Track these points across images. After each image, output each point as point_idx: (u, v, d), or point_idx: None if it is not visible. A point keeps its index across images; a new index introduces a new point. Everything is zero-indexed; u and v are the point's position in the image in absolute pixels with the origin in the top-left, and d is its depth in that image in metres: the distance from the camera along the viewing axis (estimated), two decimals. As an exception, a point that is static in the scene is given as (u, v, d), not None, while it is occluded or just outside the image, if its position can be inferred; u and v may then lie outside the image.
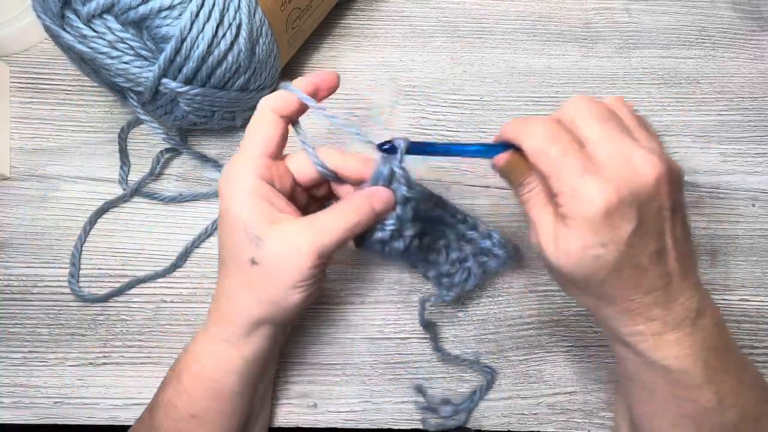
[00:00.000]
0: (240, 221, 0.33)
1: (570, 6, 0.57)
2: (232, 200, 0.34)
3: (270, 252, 0.33)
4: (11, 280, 0.47)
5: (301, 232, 0.33)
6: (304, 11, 0.47)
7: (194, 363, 0.37)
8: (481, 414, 0.45)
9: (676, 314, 0.32)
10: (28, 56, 0.53)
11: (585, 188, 0.29)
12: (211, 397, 0.36)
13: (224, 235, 0.35)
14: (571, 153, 0.30)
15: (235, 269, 0.34)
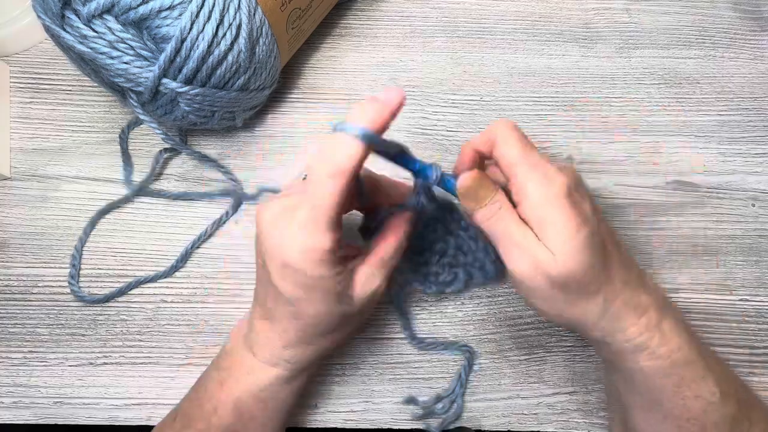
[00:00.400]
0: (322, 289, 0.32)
1: (570, 6, 0.57)
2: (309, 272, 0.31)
3: (360, 303, 0.34)
4: (11, 280, 0.47)
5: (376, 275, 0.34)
6: (304, 11, 0.47)
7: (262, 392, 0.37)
8: (481, 414, 0.45)
9: (657, 297, 0.34)
10: (28, 56, 0.53)
11: (550, 170, 0.32)
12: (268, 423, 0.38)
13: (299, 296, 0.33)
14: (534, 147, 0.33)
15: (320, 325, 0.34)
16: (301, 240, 0.30)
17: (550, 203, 0.31)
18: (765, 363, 0.47)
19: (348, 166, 0.29)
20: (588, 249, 0.31)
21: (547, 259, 0.31)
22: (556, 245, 0.31)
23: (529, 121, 0.52)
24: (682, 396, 0.33)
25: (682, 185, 0.51)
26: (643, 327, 0.33)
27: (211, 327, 0.46)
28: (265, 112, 0.52)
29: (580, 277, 0.31)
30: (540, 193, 0.31)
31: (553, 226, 0.31)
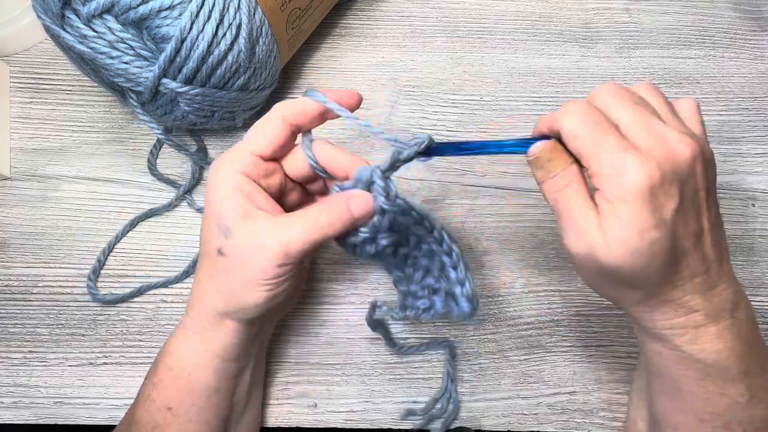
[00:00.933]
0: (215, 212, 0.33)
1: (570, 6, 0.57)
2: (212, 191, 0.34)
3: (237, 245, 0.33)
4: (11, 280, 0.47)
5: (271, 230, 0.32)
6: (304, 11, 0.47)
7: (168, 355, 0.37)
8: (481, 414, 0.45)
9: (716, 304, 0.31)
10: (28, 56, 0.53)
11: (627, 164, 0.28)
12: (184, 390, 0.36)
13: (203, 225, 0.35)
14: (611, 132, 0.30)
15: (205, 259, 0.35)
16: (219, 161, 0.34)
17: (622, 198, 0.29)
18: (765, 363, 0.47)
19: (290, 112, 0.34)
20: (648, 253, 0.29)
21: (600, 247, 0.29)
22: (614, 239, 0.29)
23: (529, 121, 0.52)
24: (705, 389, 0.32)
25: (682, 185, 0.51)
26: (675, 323, 0.32)
27: (211, 327, 0.46)
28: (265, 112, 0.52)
29: (628, 272, 0.30)
30: (614, 187, 0.29)
31: (619, 220, 0.29)
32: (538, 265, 0.48)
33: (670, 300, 0.31)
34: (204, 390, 0.36)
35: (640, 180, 0.28)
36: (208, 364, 0.36)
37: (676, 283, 0.31)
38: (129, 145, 0.50)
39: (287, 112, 0.34)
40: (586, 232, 0.30)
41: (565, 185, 0.31)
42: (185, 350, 0.36)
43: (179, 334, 0.37)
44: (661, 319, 0.32)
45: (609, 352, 0.47)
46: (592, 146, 0.29)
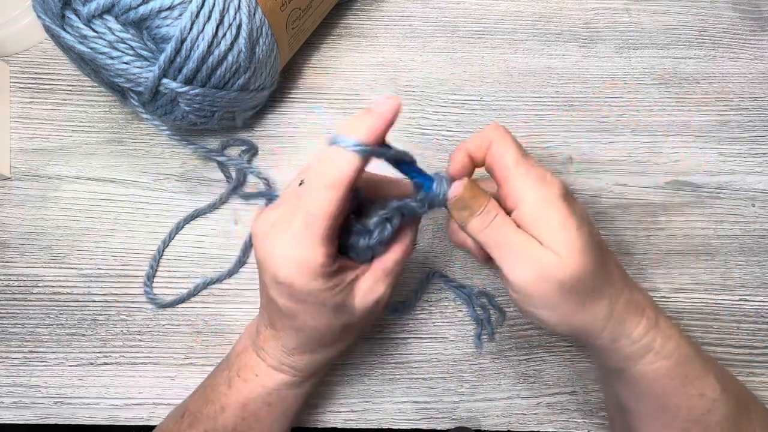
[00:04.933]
0: (319, 302, 0.32)
1: (570, 6, 0.57)
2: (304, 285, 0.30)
3: (361, 313, 0.33)
4: (11, 280, 0.47)
5: (379, 284, 0.33)
6: (304, 11, 0.47)
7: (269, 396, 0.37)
8: (481, 414, 0.45)
9: (649, 299, 0.34)
10: (28, 56, 0.53)
11: (546, 174, 0.32)
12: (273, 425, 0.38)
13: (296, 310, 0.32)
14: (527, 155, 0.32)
15: (322, 337, 0.34)
16: (293, 254, 0.29)
17: (548, 204, 0.30)
18: (765, 363, 0.47)
19: (343, 178, 0.28)
20: (591, 247, 0.31)
21: (552, 262, 0.30)
22: (560, 246, 0.30)
23: (529, 121, 0.52)
24: (687, 396, 0.33)
25: (682, 185, 0.51)
26: (645, 327, 0.33)
27: (211, 327, 0.46)
28: (265, 112, 0.52)
29: (587, 276, 0.30)
30: (537, 196, 0.31)
31: (554, 227, 0.30)
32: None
33: (628, 301, 0.32)
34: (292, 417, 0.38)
35: (558, 185, 0.31)
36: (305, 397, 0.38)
37: (619, 279, 0.33)
38: (129, 145, 0.50)
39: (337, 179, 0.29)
40: (529, 253, 0.30)
41: (492, 218, 0.31)
42: (291, 396, 0.37)
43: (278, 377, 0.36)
44: (635, 329, 0.32)
45: (609, 352, 0.47)
46: (518, 159, 0.32)
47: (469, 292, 0.47)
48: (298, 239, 0.29)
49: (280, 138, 0.51)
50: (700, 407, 0.33)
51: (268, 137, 0.51)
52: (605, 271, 0.32)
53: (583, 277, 0.30)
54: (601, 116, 0.53)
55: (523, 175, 0.31)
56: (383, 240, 0.33)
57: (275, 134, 0.51)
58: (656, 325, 0.33)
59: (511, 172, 0.31)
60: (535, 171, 0.31)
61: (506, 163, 0.32)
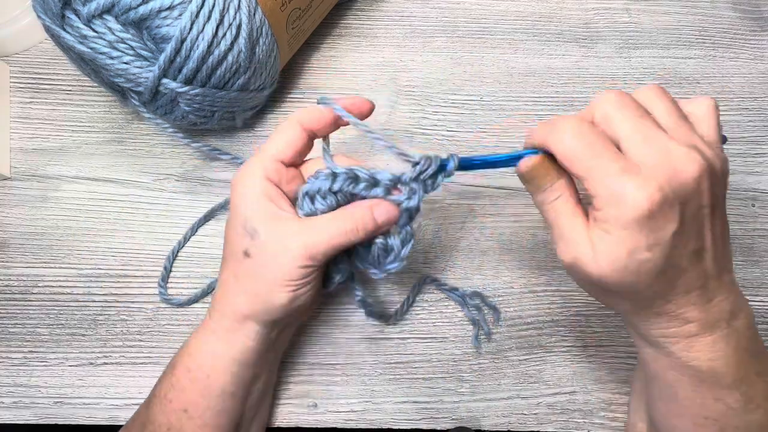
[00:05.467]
0: (242, 215, 0.35)
1: (570, 6, 0.57)
2: (238, 195, 0.35)
3: (263, 245, 0.34)
4: (11, 280, 0.47)
5: (295, 232, 0.34)
6: (304, 11, 0.47)
7: (187, 356, 0.37)
8: (481, 414, 0.45)
9: (712, 315, 0.31)
10: (28, 56, 0.53)
11: (625, 189, 0.27)
12: (200, 392, 0.36)
13: (228, 229, 0.36)
14: (606, 153, 0.28)
15: (231, 261, 0.36)
16: (244, 167, 0.35)
17: (614, 221, 0.28)
18: (765, 363, 0.47)
19: (308, 118, 0.35)
20: (634, 272, 0.29)
21: (587, 260, 0.29)
22: (602, 253, 0.29)
23: (528, 121, 0.52)
24: (700, 395, 0.32)
25: (682, 185, 0.51)
26: (669, 333, 0.31)
27: (211, 327, 0.46)
28: (265, 112, 0.52)
29: (613, 288, 0.30)
30: (608, 209, 0.28)
31: (608, 240, 0.28)
32: (538, 265, 0.48)
33: (662, 312, 0.31)
34: (220, 393, 0.37)
35: (638, 205, 0.27)
36: (227, 368, 0.36)
37: (669, 299, 0.30)
38: (129, 145, 0.50)
39: (304, 118, 0.36)
40: (573, 243, 0.30)
41: (554, 199, 0.31)
42: (205, 352, 0.37)
43: (200, 336, 0.37)
44: (654, 328, 0.32)
45: (609, 352, 0.47)
46: (587, 169, 0.28)
47: (462, 294, 0.47)
48: (253, 157, 0.36)
49: (280, 138, 0.51)
50: (714, 409, 0.32)
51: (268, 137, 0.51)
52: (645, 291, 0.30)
53: (608, 285, 0.30)
54: (601, 116, 0.53)
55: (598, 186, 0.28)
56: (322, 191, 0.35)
57: (275, 134, 0.51)
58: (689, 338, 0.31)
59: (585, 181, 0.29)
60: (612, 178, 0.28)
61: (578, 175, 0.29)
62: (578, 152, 0.29)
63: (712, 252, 0.30)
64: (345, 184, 0.34)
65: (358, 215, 0.34)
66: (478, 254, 0.49)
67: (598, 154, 0.28)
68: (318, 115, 0.36)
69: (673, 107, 0.31)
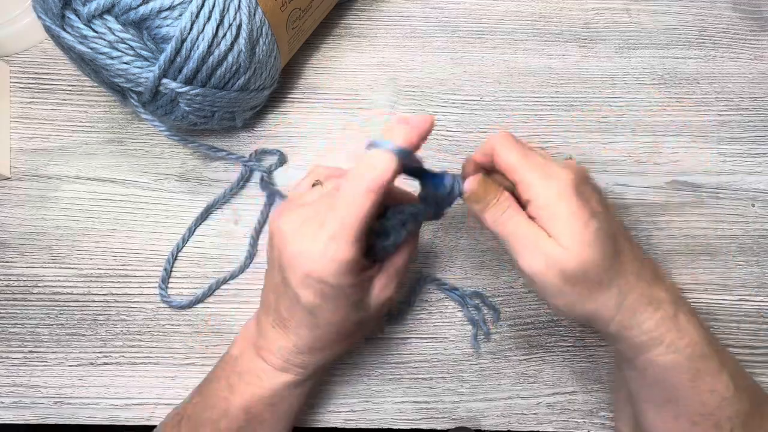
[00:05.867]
0: (345, 298, 0.33)
1: (570, 6, 0.57)
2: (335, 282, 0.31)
3: (376, 310, 0.35)
4: (11, 280, 0.47)
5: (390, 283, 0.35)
6: (304, 11, 0.47)
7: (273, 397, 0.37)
8: (481, 414, 0.45)
9: (672, 291, 0.34)
10: (28, 56, 0.53)
11: (553, 168, 0.32)
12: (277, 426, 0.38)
13: (320, 306, 0.33)
14: (534, 154, 0.33)
15: (337, 332, 0.35)
16: (330, 251, 0.30)
17: (556, 198, 0.31)
18: (765, 363, 0.47)
19: (382, 181, 0.30)
20: (599, 241, 0.31)
21: (558, 253, 0.31)
22: (567, 239, 0.31)
23: (528, 121, 0.52)
24: (698, 391, 0.33)
25: (682, 185, 0.51)
26: (659, 320, 0.33)
27: (211, 327, 0.46)
28: (265, 112, 0.52)
29: (592, 269, 0.31)
30: (545, 190, 0.32)
31: (562, 220, 0.31)
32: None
33: (641, 295, 0.33)
34: (294, 416, 0.39)
35: (568, 177, 0.32)
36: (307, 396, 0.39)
37: (634, 273, 0.33)
38: (129, 145, 0.50)
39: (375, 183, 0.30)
40: (537, 245, 0.32)
41: (504, 209, 0.33)
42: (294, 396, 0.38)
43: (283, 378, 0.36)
44: (645, 320, 0.33)
45: (609, 352, 0.47)
46: (521, 157, 0.33)
47: (462, 293, 0.47)
48: (336, 239, 0.30)
49: (280, 138, 0.51)
50: (711, 403, 0.33)
51: (268, 137, 0.51)
52: (616, 264, 0.32)
53: (587, 269, 0.31)
54: (601, 116, 0.53)
55: (529, 172, 0.32)
56: (398, 242, 0.34)
57: (275, 134, 0.51)
58: (673, 320, 0.33)
59: (517, 171, 0.33)
60: (542, 167, 0.33)
61: (511, 164, 0.33)
62: (515, 146, 0.33)
63: (620, 229, 0.34)
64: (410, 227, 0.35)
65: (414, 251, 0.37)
66: (478, 254, 0.49)
67: (528, 149, 0.34)
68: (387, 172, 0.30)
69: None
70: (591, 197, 0.33)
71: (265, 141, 0.51)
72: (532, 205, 0.32)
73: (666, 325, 0.33)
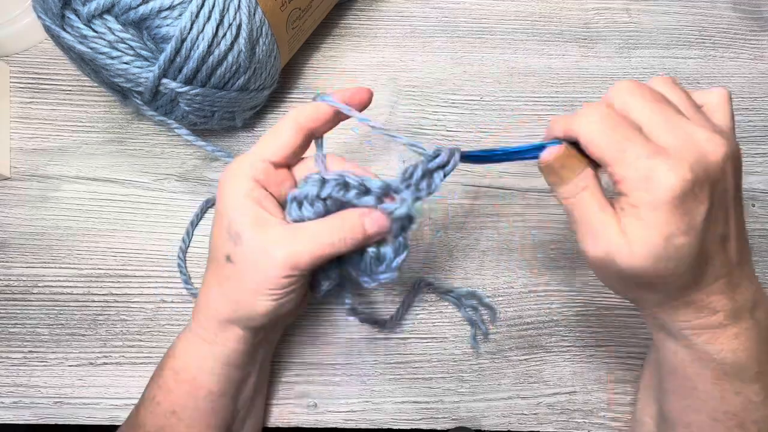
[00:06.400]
0: (226, 218, 0.33)
1: (570, 6, 0.57)
2: (223, 197, 0.33)
3: (245, 252, 0.32)
4: (11, 280, 0.47)
5: (280, 239, 0.32)
6: (304, 11, 0.47)
7: (174, 359, 0.37)
8: (481, 414, 0.45)
9: (737, 305, 0.31)
10: (28, 56, 0.53)
11: (656, 170, 0.27)
12: (188, 393, 0.36)
13: (213, 230, 0.34)
14: (633, 136, 0.28)
15: (214, 265, 0.34)
16: (233, 165, 0.34)
17: (650, 207, 0.27)
18: (765, 363, 0.47)
19: (304, 117, 0.34)
20: (671, 259, 0.28)
21: (620, 249, 0.28)
22: (638, 243, 0.28)
23: (528, 121, 0.52)
24: (720, 388, 0.32)
25: (682, 185, 0.51)
26: (696, 324, 0.31)
27: (211, 327, 0.46)
28: (265, 112, 0.52)
29: (648, 279, 0.29)
30: (640, 194, 0.28)
31: (643, 226, 0.28)
32: (538, 265, 0.48)
33: (691, 302, 0.31)
34: (208, 395, 0.36)
35: (672, 185, 0.27)
36: (213, 370, 0.36)
37: (700, 287, 0.30)
38: (129, 145, 0.50)
39: (300, 116, 0.34)
40: (604, 236, 0.29)
41: (580, 190, 0.30)
42: (191, 354, 0.36)
43: (185, 338, 0.37)
44: (681, 320, 0.31)
45: (609, 352, 0.47)
46: (616, 153, 0.28)
47: (458, 295, 0.47)
48: (244, 155, 0.34)
49: (280, 138, 0.51)
50: (735, 402, 0.32)
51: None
52: (679, 280, 0.30)
53: (644, 276, 0.29)
54: (601, 116, 0.53)
55: (627, 170, 0.28)
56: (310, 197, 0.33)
57: (275, 134, 0.51)
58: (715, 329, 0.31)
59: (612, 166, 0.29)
60: (644, 160, 0.27)
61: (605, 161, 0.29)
62: (605, 137, 0.28)
63: (735, 238, 0.30)
64: (334, 190, 0.32)
65: (348, 225, 0.32)
66: (478, 254, 0.49)
67: (625, 138, 0.28)
68: (316, 112, 0.34)
69: (687, 96, 0.31)
70: (697, 208, 0.28)
71: (265, 141, 0.51)
72: (623, 198, 0.29)
73: (701, 329, 0.31)
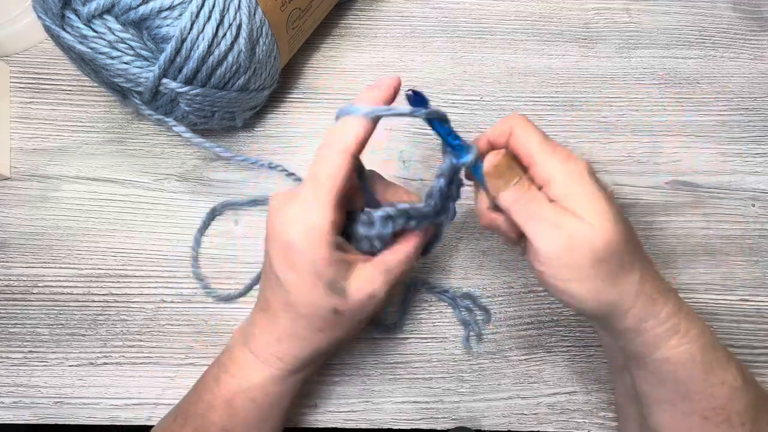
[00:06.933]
0: (316, 272, 0.32)
1: (570, 6, 0.57)
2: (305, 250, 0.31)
3: (354, 302, 0.33)
4: (11, 280, 0.47)
5: (376, 277, 0.33)
6: (304, 11, 0.47)
7: (253, 391, 0.36)
8: (481, 414, 0.45)
9: (670, 285, 0.34)
10: (28, 56, 0.53)
11: (571, 156, 0.32)
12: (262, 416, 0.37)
13: (293, 281, 0.33)
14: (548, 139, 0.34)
15: (312, 317, 0.34)
16: (302, 216, 0.31)
17: (578, 179, 0.32)
18: (765, 363, 0.47)
19: (353, 140, 0.31)
20: (622, 219, 0.32)
21: (586, 231, 0.30)
22: (593, 217, 0.31)
23: (529, 121, 0.52)
24: (710, 383, 0.33)
25: (682, 185, 0.51)
26: (672, 308, 0.33)
27: (211, 327, 0.46)
28: (265, 112, 0.52)
29: (620, 247, 0.31)
30: (566, 172, 0.32)
31: (586, 199, 0.31)
32: (538, 265, 0.48)
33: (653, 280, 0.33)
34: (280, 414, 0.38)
35: (585, 163, 0.32)
36: (291, 394, 0.38)
37: (643, 254, 0.33)
38: (129, 145, 0.50)
39: (346, 144, 0.31)
40: (562, 224, 0.31)
41: (525, 189, 0.33)
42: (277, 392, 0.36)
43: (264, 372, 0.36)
44: (663, 310, 0.32)
45: (609, 352, 0.47)
46: (541, 142, 0.33)
47: (453, 295, 0.47)
48: (307, 203, 0.31)
49: (280, 138, 0.51)
50: (721, 396, 0.33)
51: (268, 137, 0.51)
52: (635, 244, 0.33)
53: (616, 247, 0.31)
54: (601, 116, 0.53)
55: (549, 155, 0.32)
56: (383, 235, 0.34)
57: (275, 134, 0.51)
58: (681, 309, 0.33)
59: (536, 153, 0.33)
60: (560, 151, 0.33)
61: (531, 146, 0.33)
62: (536, 141, 0.33)
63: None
64: (400, 223, 0.34)
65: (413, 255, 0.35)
66: (478, 254, 0.49)
67: (547, 140, 0.33)
68: (359, 133, 0.31)
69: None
70: (600, 182, 0.33)
71: (265, 141, 0.51)
72: (549, 189, 0.32)
73: (677, 315, 0.33)
